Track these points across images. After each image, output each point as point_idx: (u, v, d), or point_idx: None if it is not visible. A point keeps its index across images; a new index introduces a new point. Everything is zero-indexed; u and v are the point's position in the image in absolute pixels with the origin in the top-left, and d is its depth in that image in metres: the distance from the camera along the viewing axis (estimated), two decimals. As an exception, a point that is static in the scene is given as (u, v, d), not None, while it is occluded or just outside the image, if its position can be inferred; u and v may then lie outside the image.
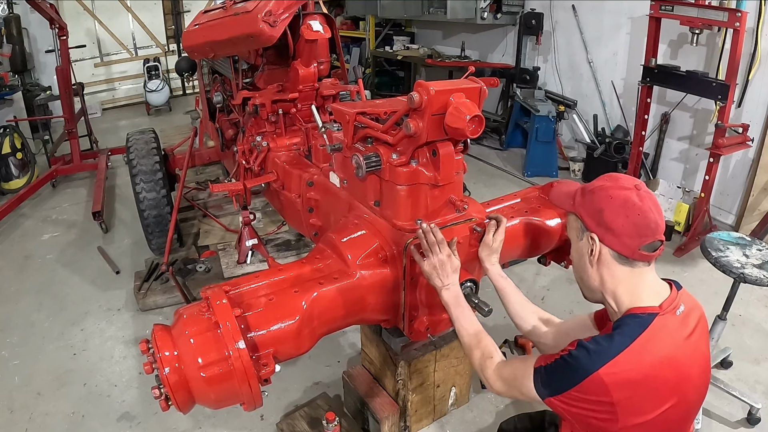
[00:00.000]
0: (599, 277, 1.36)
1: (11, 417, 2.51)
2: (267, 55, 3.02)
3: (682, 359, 1.25)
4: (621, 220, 1.28)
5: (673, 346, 1.24)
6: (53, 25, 4.95)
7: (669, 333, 1.25)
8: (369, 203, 1.97)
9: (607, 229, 1.30)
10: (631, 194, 1.29)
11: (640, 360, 1.20)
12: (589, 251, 1.35)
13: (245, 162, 3.06)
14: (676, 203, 4.19)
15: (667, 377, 1.22)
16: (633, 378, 1.19)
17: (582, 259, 1.39)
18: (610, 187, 1.33)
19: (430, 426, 2.41)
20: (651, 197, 1.31)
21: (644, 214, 1.28)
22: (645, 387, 1.20)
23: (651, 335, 1.22)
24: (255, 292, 1.70)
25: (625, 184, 1.32)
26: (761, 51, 3.87)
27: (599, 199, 1.33)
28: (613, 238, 1.29)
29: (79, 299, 3.41)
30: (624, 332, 1.23)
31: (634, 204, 1.28)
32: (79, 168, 5.37)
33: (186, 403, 1.51)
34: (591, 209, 1.34)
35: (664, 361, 1.22)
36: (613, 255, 1.31)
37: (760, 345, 2.95)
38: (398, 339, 2.13)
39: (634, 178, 1.36)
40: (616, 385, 1.17)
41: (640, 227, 1.27)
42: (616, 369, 1.18)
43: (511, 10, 6.04)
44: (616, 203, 1.29)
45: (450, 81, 1.76)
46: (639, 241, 1.27)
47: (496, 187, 5.18)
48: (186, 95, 8.76)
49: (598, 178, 1.41)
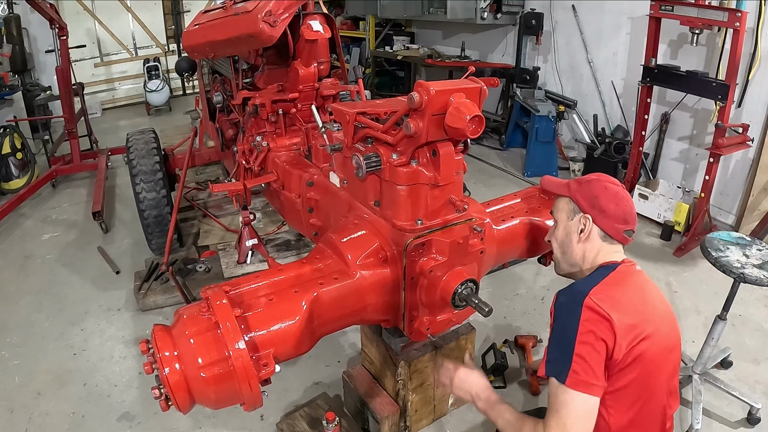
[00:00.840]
0: (582, 252, 1.62)
1: (11, 417, 2.51)
2: (267, 55, 3.02)
3: (648, 297, 1.50)
4: (613, 206, 1.57)
5: (638, 284, 1.52)
6: (53, 25, 4.95)
7: (632, 275, 1.53)
8: (369, 203, 1.97)
9: (600, 212, 1.58)
10: (620, 189, 1.62)
11: (616, 287, 1.45)
12: (579, 230, 1.61)
13: (245, 162, 3.06)
14: (676, 203, 4.19)
15: (639, 307, 1.44)
16: (616, 299, 1.39)
17: (570, 236, 1.64)
18: (605, 180, 1.64)
19: (430, 426, 2.41)
20: (630, 198, 1.64)
21: (629, 205, 1.61)
22: (628, 308, 1.39)
23: (619, 273, 1.52)
24: (255, 292, 1.70)
25: (615, 182, 1.65)
26: (761, 51, 3.87)
27: (596, 187, 1.61)
28: (605, 220, 1.58)
29: (79, 299, 3.41)
30: (596, 274, 1.53)
31: (623, 197, 1.60)
32: (79, 168, 5.37)
33: (186, 403, 1.51)
34: (588, 195, 1.61)
35: (634, 291, 1.48)
36: (600, 234, 1.60)
37: (760, 345, 2.95)
38: (398, 339, 2.13)
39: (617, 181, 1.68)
40: (608, 305, 1.36)
41: (626, 215, 1.58)
42: (600, 294, 1.39)
43: (511, 10, 6.04)
44: (610, 193, 1.59)
45: (450, 81, 1.76)
46: (623, 226, 1.58)
47: (496, 187, 5.18)
48: (186, 95, 8.76)
49: (588, 174, 1.71)
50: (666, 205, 4.26)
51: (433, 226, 1.84)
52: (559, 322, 1.43)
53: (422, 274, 1.79)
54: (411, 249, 1.77)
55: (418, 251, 1.79)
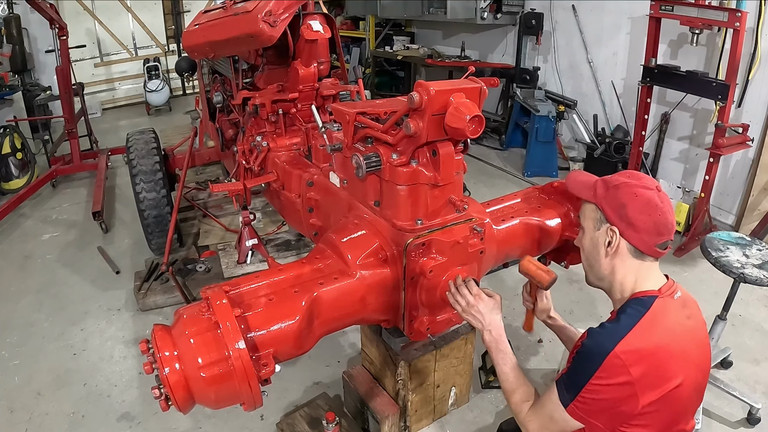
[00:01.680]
0: (611, 267, 1.44)
1: (11, 417, 2.51)
2: (267, 55, 3.02)
3: (684, 336, 1.33)
4: (644, 218, 1.36)
5: (675, 323, 1.33)
6: (53, 25, 4.94)
7: (669, 312, 1.34)
8: (369, 203, 1.97)
9: (629, 224, 1.37)
10: (653, 194, 1.37)
11: (648, 335, 1.28)
12: (606, 242, 1.42)
13: (245, 162, 3.06)
14: (676, 203, 4.18)
15: (673, 351, 1.29)
16: (645, 351, 1.25)
17: (597, 248, 1.46)
18: (635, 185, 1.39)
19: (430, 426, 2.41)
20: (669, 200, 1.40)
21: (664, 214, 1.37)
22: (656, 359, 1.26)
23: (654, 314, 1.32)
24: (255, 292, 1.70)
25: (648, 184, 1.39)
26: (761, 51, 3.87)
27: (623, 194, 1.39)
28: (634, 234, 1.37)
29: (79, 299, 3.41)
30: (629, 314, 1.33)
31: (656, 204, 1.36)
32: (79, 168, 5.37)
33: (186, 403, 1.51)
34: (614, 203, 1.40)
35: (668, 335, 1.30)
36: (629, 248, 1.40)
37: (760, 345, 2.95)
38: (398, 339, 2.13)
39: (654, 179, 1.44)
40: (632, 361, 1.23)
41: (659, 226, 1.36)
42: (628, 346, 1.25)
43: (511, 10, 6.04)
44: (640, 201, 1.37)
45: (450, 81, 1.76)
46: (656, 239, 1.37)
47: (496, 187, 5.18)
48: (186, 95, 8.76)
49: (619, 174, 1.47)
50: (666, 205, 4.25)
51: (433, 226, 1.84)
52: (579, 362, 1.32)
53: (422, 274, 1.79)
54: (411, 249, 1.77)
55: (418, 251, 1.78)
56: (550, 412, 1.35)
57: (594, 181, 1.50)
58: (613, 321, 1.34)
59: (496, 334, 1.61)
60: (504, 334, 1.62)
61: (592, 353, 1.28)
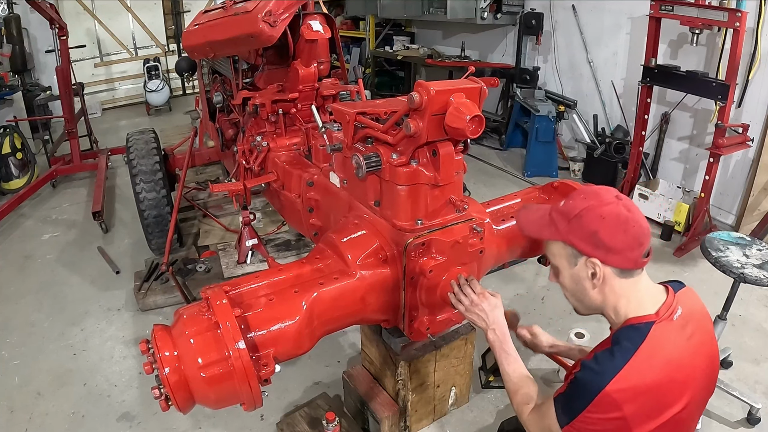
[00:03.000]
0: (602, 296, 1.34)
1: (11, 417, 2.51)
2: (267, 55, 3.02)
3: (685, 361, 1.26)
4: (621, 237, 1.26)
5: (675, 350, 1.25)
6: (53, 25, 4.94)
7: (668, 339, 1.25)
8: (369, 203, 1.97)
9: (608, 250, 1.27)
10: (619, 208, 1.27)
11: (644, 370, 1.21)
12: (590, 275, 1.32)
13: (245, 162, 3.06)
14: (676, 203, 4.18)
15: (673, 381, 1.23)
16: (640, 389, 1.20)
17: (581, 284, 1.36)
18: (596, 206, 1.29)
19: (430, 426, 2.41)
20: (633, 205, 1.31)
21: (638, 223, 1.27)
22: (653, 395, 1.21)
23: (651, 344, 1.23)
24: (255, 292, 1.70)
25: (608, 199, 1.29)
26: (761, 51, 3.86)
27: (590, 221, 1.28)
28: (616, 256, 1.28)
29: (79, 299, 3.41)
30: (623, 346, 1.24)
31: (627, 217, 1.27)
32: (79, 168, 5.37)
33: (186, 403, 1.51)
34: (584, 234, 1.29)
35: (667, 367, 1.23)
36: (615, 272, 1.30)
37: (760, 345, 2.95)
38: (398, 339, 2.13)
39: (611, 189, 1.34)
40: (625, 400, 1.18)
41: (638, 237, 1.27)
42: (622, 384, 1.19)
43: (511, 10, 6.03)
44: (610, 221, 1.27)
45: (450, 81, 1.76)
46: (639, 251, 1.28)
47: (496, 187, 5.18)
48: (186, 95, 8.76)
49: (573, 198, 1.35)
50: (666, 205, 4.26)
51: (433, 226, 1.84)
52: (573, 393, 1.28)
53: (422, 273, 1.79)
54: (411, 249, 1.77)
55: (418, 251, 1.79)
56: (549, 425, 1.34)
57: (549, 215, 1.38)
58: (607, 353, 1.25)
59: (500, 333, 1.61)
60: (507, 333, 1.62)
61: (584, 389, 1.23)
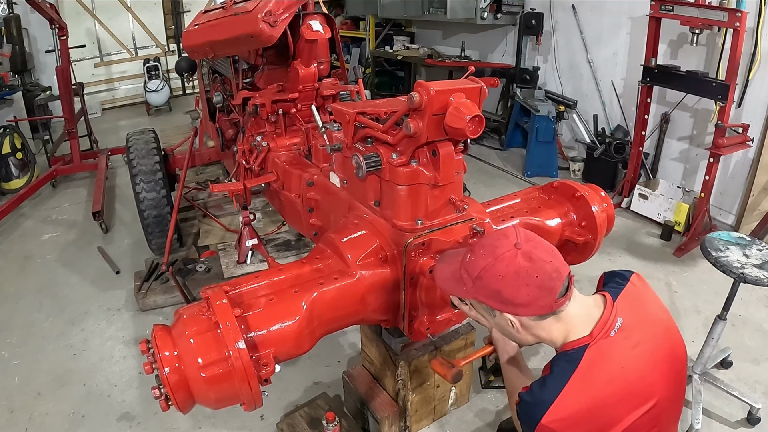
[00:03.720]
0: (532, 336, 1.33)
1: (11, 417, 2.51)
2: (267, 55, 3.02)
3: (635, 371, 1.22)
4: (525, 291, 1.22)
5: (615, 367, 1.21)
6: (53, 25, 4.94)
7: (606, 356, 1.22)
8: (369, 203, 1.97)
9: (516, 305, 1.24)
10: (516, 261, 1.22)
11: (580, 398, 1.18)
12: (509, 324, 1.30)
13: (245, 162, 3.06)
14: (676, 203, 4.18)
15: (618, 397, 1.20)
16: (578, 416, 1.18)
17: (506, 330, 1.35)
18: (492, 263, 1.24)
19: (430, 426, 2.41)
20: (536, 246, 1.25)
21: (541, 271, 1.21)
22: (595, 418, 1.19)
23: (585, 368, 1.20)
24: (255, 292, 1.70)
25: (504, 253, 1.24)
26: (761, 51, 3.86)
27: (489, 282, 1.25)
28: (526, 309, 1.24)
29: (79, 299, 3.41)
30: (555, 375, 1.22)
31: (526, 270, 1.21)
32: (79, 168, 5.36)
33: (186, 403, 1.51)
34: (488, 294, 1.27)
35: (609, 386, 1.20)
36: (534, 318, 1.27)
37: (760, 345, 2.95)
38: (398, 339, 2.13)
39: (508, 233, 1.28)
40: (564, 428, 1.18)
41: (544, 286, 1.21)
42: (557, 414, 1.17)
43: (511, 10, 6.03)
44: (509, 279, 1.22)
45: (450, 81, 1.76)
46: (550, 297, 1.22)
47: (496, 187, 5.18)
48: (186, 95, 8.75)
49: (474, 254, 1.30)
50: (666, 205, 4.26)
51: (433, 226, 1.84)
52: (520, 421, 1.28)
53: (422, 273, 1.79)
54: (411, 249, 1.77)
55: (417, 251, 1.79)
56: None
57: (458, 270, 1.34)
58: (541, 384, 1.24)
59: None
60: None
61: (524, 421, 1.23)
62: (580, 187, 2.26)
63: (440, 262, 1.50)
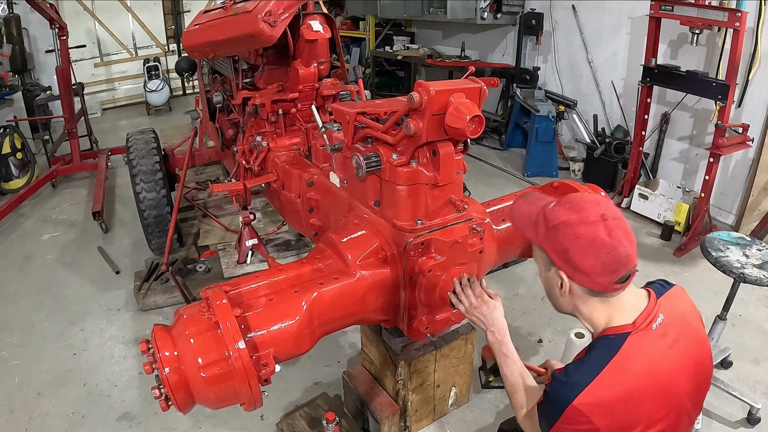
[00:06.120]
0: (572, 306, 1.33)
1: (11, 417, 2.51)
2: (267, 55, 3.02)
3: (666, 370, 1.22)
4: (590, 261, 1.21)
5: (652, 361, 1.21)
6: (53, 25, 4.94)
7: (645, 350, 1.22)
8: (369, 203, 1.97)
9: (576, 269, 1.23)
10: (598, 229, 1.20)
11: (614, 384, 1.18)
12: (558, 284, 1.30)
13: (245, 162, 3.06)
14: (676, 203, 4.18)
15: (649, 393, 1.20)
16: (609, 403, 1.18)
17: (552, 289, 1.35)
18: (575, 222, 1.22)
19: (430, 426, 2.41)
20: (620, 226, 1.23)
21: (614, 250, 1.20)
22: (625, 408, 1.18)
23: (624, 357, 1.20)
24: (255, 292, 1.70)
25: (589, 217, 1.21)
26: (761, 51, 3.86)
27: (563, 237, 1.23)
28: (583, 277, 1.24)
29: (79, 299, 3.41)
30: (594, 358, 1.22)
31: (603, 242, 1.19)
32: (79, 168, 5.36)
33: (186, 403, 1.51)
34: (556, 246, 1.25)
35: (641, 379, 1.20)
36: (584, 290, 1.27)
37: (760, 345, 2.95)
38: (398, 339, 2.13)
39: (600, 202, 1.27)
40: (594, 413, 1.17)
41: (610, 265, 1.21)
42: (590, 398, 1.17)
43: (511, 10, 6.03)
44: (583, 242, 1.21)
45: (450, 81, 1.76)
46: (611, 278, 1.22)
47: (496, 187, 5.18)
48: (186, 95, 8.75)
49: (560, 205, 1.28)
50: (666, 205, 4.26)
51: (433, 226, 1.84)
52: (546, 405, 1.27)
53: (421, 273, 1.79)
54: (410, 248, 1.77)
55: (417, 251, 1.79)
56: (538, 430, 1.35)
57: (536, 214, 1.32)
58: (578, 365, 1.23)
59: (500, 335, 1.60)
60: (507, 335, 1.61)
61: (554, 402, 1.22)
62: (580, 187, 2.26)
63: (521, 200, 1.46)
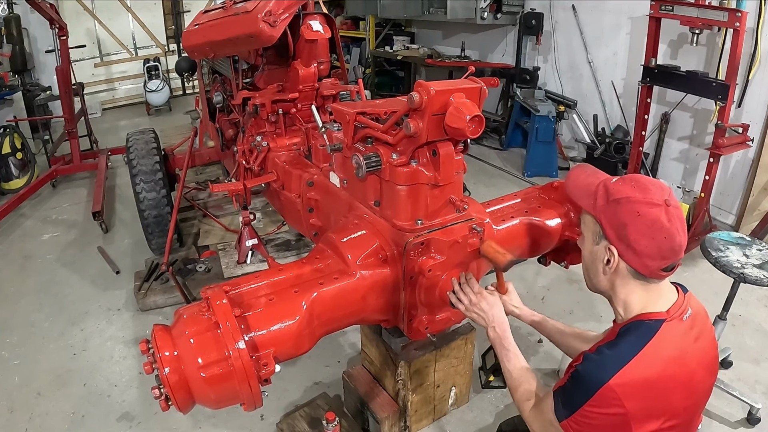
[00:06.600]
0: (611, 284, 1.33)
1: (11, 417, 2.51)
2: (267, 55, 3.02)
3: (690, 362, 1.24)
4: (646, 242, 1.22)
5: (682, 350, 1.23)
6: (53, 25, 4.94)
7: (676, 338, 1.24)
8: (369, 203, 1.97)
9: (629, 247, 1.24)
10: (660, 213, 1.21)
11: (650, 367, 1.19)
12: (604, 260, 1.30)
13: (245, 162, 3.06)
14: (676, 203, 4.18)
15: (677, 381, 1.21)
16: (644, 385, 1.18)
17: (595, 263, 1.34)
18: (639, 200, 1.23)
19: (430, 426, 2.41)
20: (679, 216, 1.24)
21: (671, 237, 1.21)
22: (656, 393, 1.19)
23: (659, 342, 1.21)
24: (255, 292, 1.70)
25: (654, 199, 1.22)
26: (761, 51, 3.87)
27: (625, 212, 1.24)
28: (634, 257, 1.24)
29: (79, 299, 3.41)
30: (630, 341, 1.22)
31: (662, 226, 1.21)
32: (79, 168, 5.36)
33: (186, 403, 1.51)
34: (614, 221, 1.26)
35: (672, 365, 1.21)
36: (630, 270, 1.27)
37: (760, 345, 2.95)
38: (398, 339, 2.13)
39: (664, 188, 1.27)
40: (627, 395, 1.16)
41: (664, 250, 1.22)
42: (626, 378, 1.16)
43: (511, 10, 6.04)
44: (644, 222, 1.22)
45: (450, 81, 1.76)
46: (660, 264, 1.24)
47: (496, 187, 5.18)
48: (186, 95, 8.75)
49: (624, 181, 1.29)
50: (666, 205, 4.25)
51: (433, 226, 1.84)
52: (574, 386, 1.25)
53: (421, 273, 1.79)
54: (410, 248, 1.77)
55: (417, 250, 1.79)
56: (549, 419, 1.34)
57: (596, 185, 1.33)
58: (613, 346, 1.23)
59: (500, 330, 1.61)
60: (508, 329, 1.62)
61: (586, 381, 1.20)
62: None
63: (580, 170, 1.46)
